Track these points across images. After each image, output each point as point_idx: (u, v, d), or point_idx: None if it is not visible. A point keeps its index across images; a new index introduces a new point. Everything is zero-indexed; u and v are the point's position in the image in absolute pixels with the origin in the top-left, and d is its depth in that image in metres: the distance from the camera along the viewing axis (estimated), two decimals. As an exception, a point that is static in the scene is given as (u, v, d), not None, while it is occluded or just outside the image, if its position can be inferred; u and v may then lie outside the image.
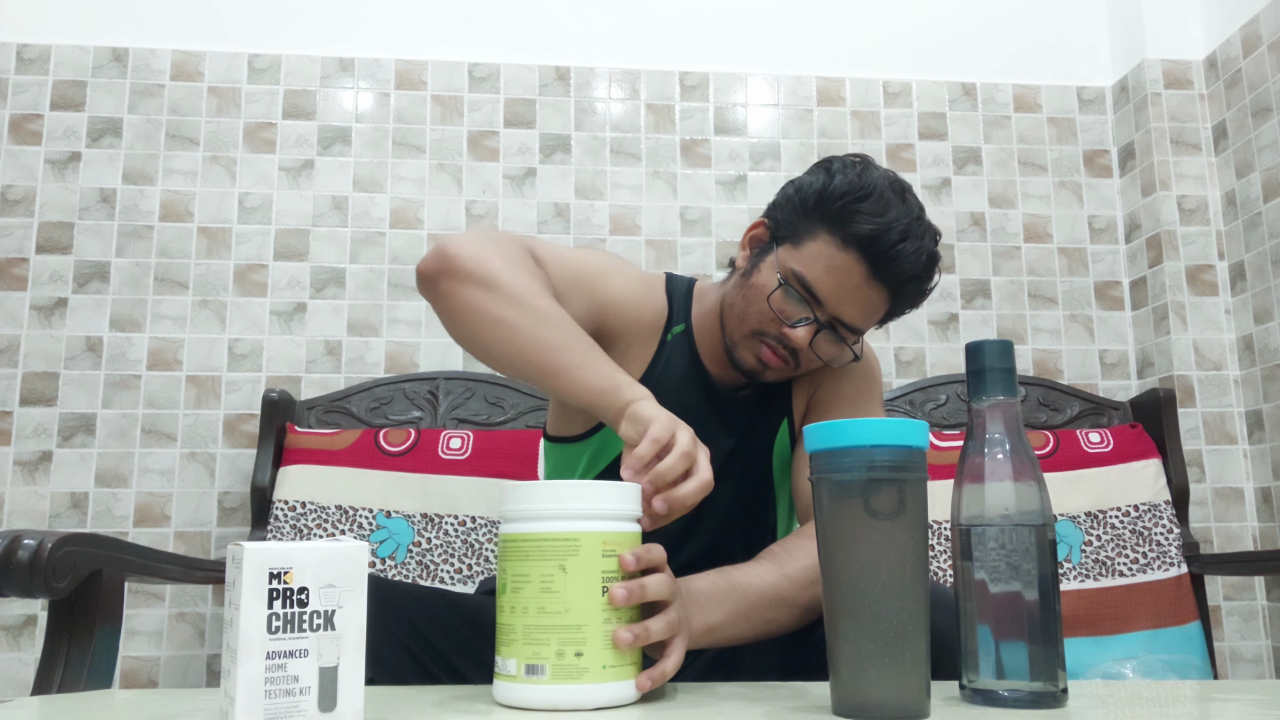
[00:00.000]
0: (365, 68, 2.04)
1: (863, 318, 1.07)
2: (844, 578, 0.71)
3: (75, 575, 1.14)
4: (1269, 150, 1.92)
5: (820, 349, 1.08)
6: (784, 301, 1.06)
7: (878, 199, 1.03)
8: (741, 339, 1.10)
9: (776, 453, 1.20)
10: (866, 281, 1.04)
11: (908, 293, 1.07)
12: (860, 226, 1.02)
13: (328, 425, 1.82)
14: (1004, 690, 0.73)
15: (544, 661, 0.74)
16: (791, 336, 1.06)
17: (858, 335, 1.09)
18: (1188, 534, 1.79)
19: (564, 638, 0.74)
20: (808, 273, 1.05)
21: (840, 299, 1.05)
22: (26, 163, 1.93)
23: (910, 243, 1.03)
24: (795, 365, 1.10)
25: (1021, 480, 0.75)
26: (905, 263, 1.03)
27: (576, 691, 0.74)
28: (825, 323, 1.06)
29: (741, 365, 1.11)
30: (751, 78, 2.13)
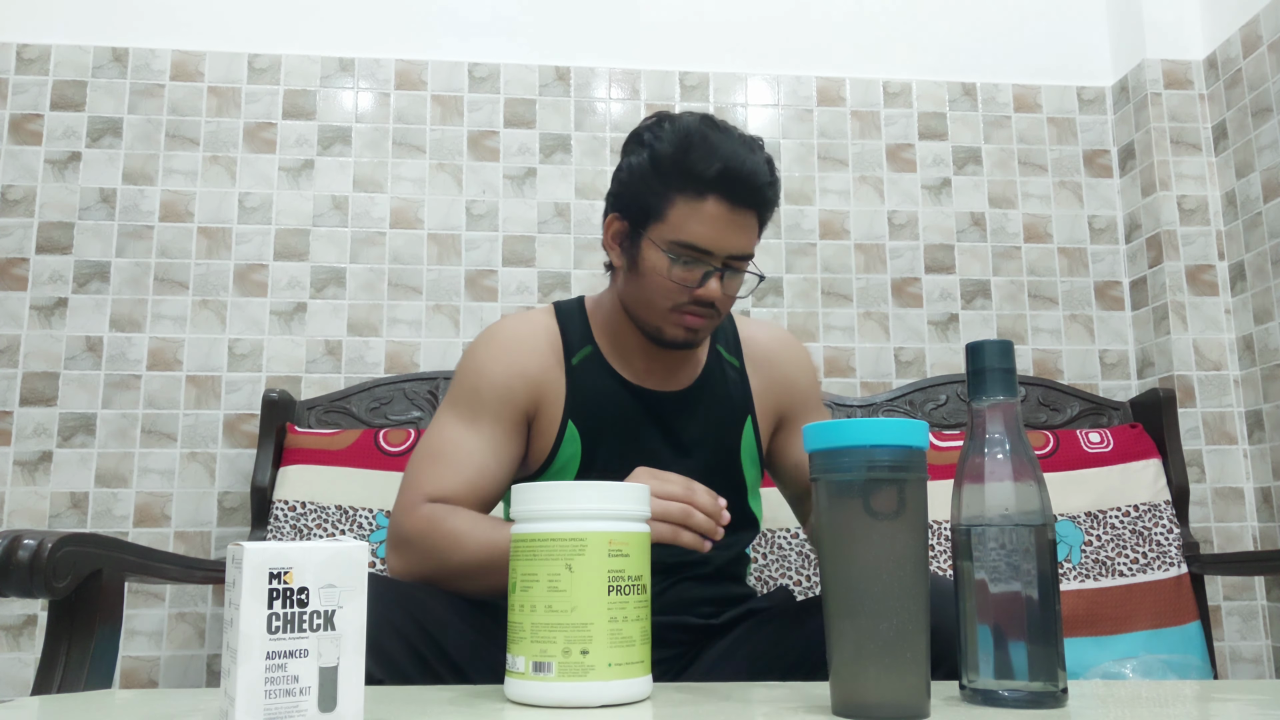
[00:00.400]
0: (365, 68, 2.04)
1: (747, 243, 1.13)
2: (844, 578, 0.71)
3: (75, 575, 1.14)
4: (1269, 150, 1.92)
5: (730, 288, 1.15)
6: (682, 270, 1.12)
7: (702, 141, 1.10)
8: (661, 319, 1.15)
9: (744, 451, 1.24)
10: (733, 212, 1.10)
11: (767, 201, 1.13)
12: (705, 171, 1.08)
13: (328, 425, 1.82)
14: (1004, 690, 0.73)
15: (551, 659, 0.75)
16: (704, 294, 1.12)
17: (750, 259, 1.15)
18: (1188, 534, 1.78)
19: (570, 636, 0.75)
20: (686, 235, 1.10)
21: (722, 239, 1.11)
22: (26, 163, 1.93)
23: (749, 161, 1.10)
24: (717, 313, 1.15)
25: (1021, 480, 0.75)
26: (756, 179, 1.10)
27: (582, 689, 0.75)
28: (722, 266, 1.12)
29: (673, 340, 1.16)
30: (751, 78, 2.13)
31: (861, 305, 2.05)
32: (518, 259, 2.00)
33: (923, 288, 2.07)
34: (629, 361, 1.21)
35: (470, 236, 2.00)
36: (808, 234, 2.07)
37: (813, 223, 2.07)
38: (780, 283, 2.04)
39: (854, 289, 2.06)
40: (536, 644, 0.75)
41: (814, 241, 2.07)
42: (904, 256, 2.08)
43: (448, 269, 1.99)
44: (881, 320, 2.05)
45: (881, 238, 2.08)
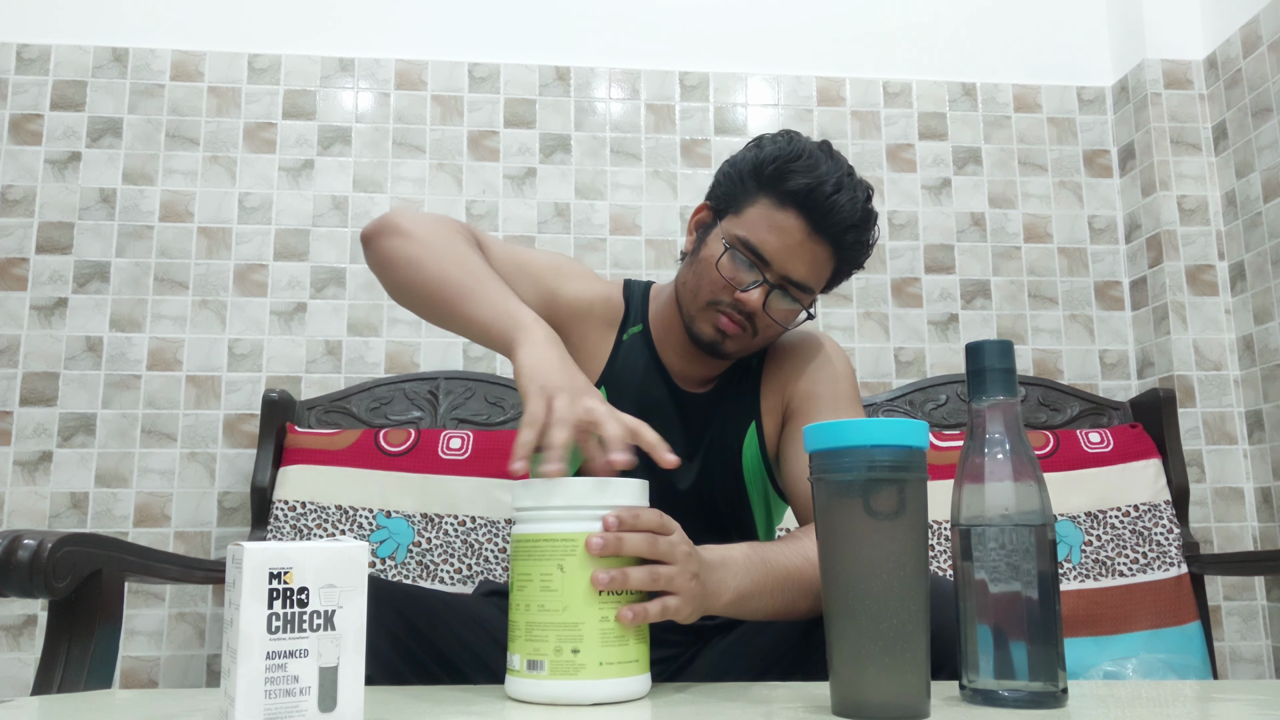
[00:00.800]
0: (365, 68, 2.04)
1: (810, 274, 1.10)
2: (844, 578, 0.71)
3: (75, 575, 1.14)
4: (1269, 150, 1.92)
5: (774, 310, 1.11)
6: (732, 267, 1.10)
7: (808, 158, 1.08)
8: (698, 312, 1.13)
9: (746, 457, 1.20)
10: (808, 237, 1.08)
11: (848, 244, 1.10)
12: (794, 183, 1.07)
13: (328, 425, 1.82)
14: (1004, 690, 0.73)
15: (543, 658, 0.76)
16: (744, 300, 1.09)
17: (809, 294, 1.12)
18: (1188, 534, 1.78)
19: (561, 635, 0.76)
20: (751, 235, 1.09)
21: (785, 257, 1.08)
22: (26, 163, 1.93)
23: (844, 194, 1.07)
24: (753, 331, 1.12)
25: (1021, 480, 0.75)
26: (841, 213, 1.07)
27: (574, 687, 0.76)
28: (775, 283, 1.09)
29: (701, 338, 1.13)
30: (751, 78, 2.13)
31: (861, 305, 2.05)
32: (518, 259, 2.00)
33: (923, 288, 2.07)
34: (672, 351, 1.20)
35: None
36: (808, 234, 2.07)
37: (813, 223, 2.07)
38: (780, 283, 2.04)
39: (854, 289, 2.06)
40: (530, 642, 0.77)
41: (814, 241, 2.06)
42: (904, 256, 2.08)
43: (448, 269, 1.98)
44: (881, 320, 2.05)
45: (882, 238, 2.08)
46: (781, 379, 1.21)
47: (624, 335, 1.21)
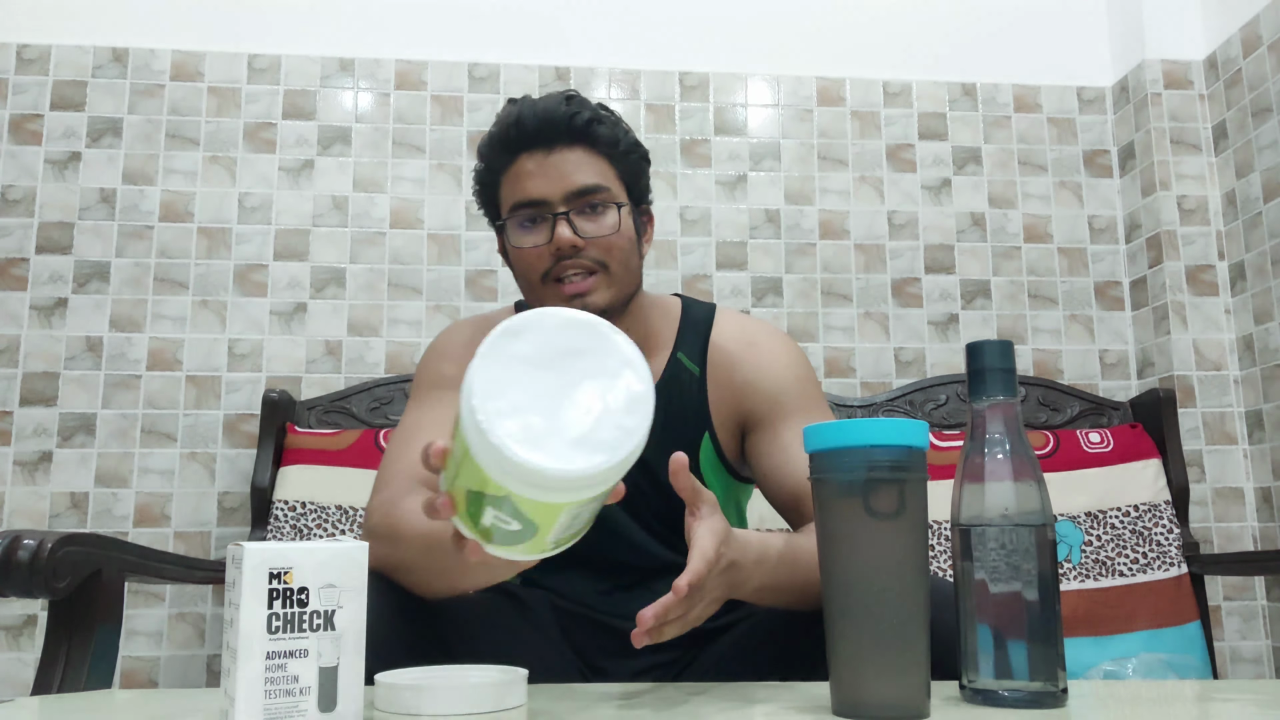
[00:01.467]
0: (365, 68, 2.04)
1: (583, 175, 1.06)
2: (844, 578, 0.71)
3: (75, 575, 1.14)
4: (1269, 150, 1.92)
5: (588, 230, 1.06)
6: (523, 234, 1.07)
7: (499, 120, 1.08)
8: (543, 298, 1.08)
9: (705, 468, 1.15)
10: (548, 155, 1.06)
11: (580, 127, 1.06)
12: (504, 135, 1.07)
13: (328, 425, 1.82)
14: (1004, 690, 0.73)
15: None
16: (557, 243, 1.04)
17: (603, 192, 1.07)
18: (1188, 534, 1.78)
19: None
20: (511, 198, 1.07)
21: (545, 184, 1.05)
22: (26, 163, 1.93)
23: (539, 103, 1.06)
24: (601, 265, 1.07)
25: (1021, 480, 0.75)
26: (547, 115, 1.05)
27: None
28: (563, 211, 1.05)
29: None
30: (751, 78, 2.13)
31: (861, 305, 2.05)
32: (518, 259, 2.00)
33: (923, 288, 2.07)
34: None
35: (470, 236, 2.00)
36: (808, 234, 2.07)
37: (813, 223, 2.07)
38: (780, 283, 2.04)
39: (854, 289, 2.06)
40: None
41: (814, 241, 2.07)
42: (904, 256, 2.08)
43: (448, 269, 1.99)
44: (881, 320, 2.05)
45: (881, 238, 2.08)
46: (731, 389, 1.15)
47: None
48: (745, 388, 1.14)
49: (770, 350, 1.16)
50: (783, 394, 1.14)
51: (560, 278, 1.06)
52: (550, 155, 1.05)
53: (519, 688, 0.77)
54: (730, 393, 1.15)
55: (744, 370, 1.15)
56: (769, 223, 2.07)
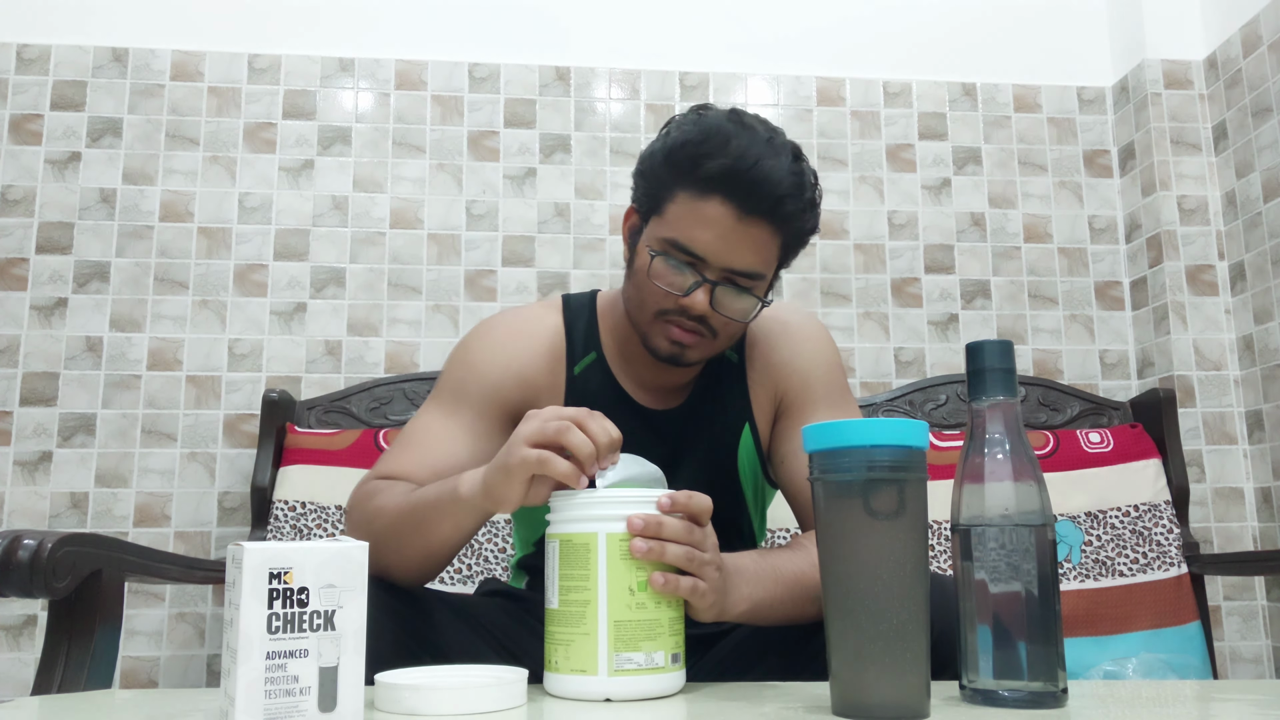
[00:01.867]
0: (365, 68, 2.04)
1: (755, 260, 1.00)
2: (844, 578, 0.71)
3: (75, 575, 1.14)
4: (1269, 150, 1.92)
5: (724, 308, 1.02)
6: (667, 272, 1.01)
7: (717, 134, 0.98)
8: (648, 326, 1.05)
9: (743, 463, 1.15)
10: (740, 220, 0.98)
11: (788, 215, 1.00)
12: (711, 167, 0.97)
13: (328, 425, 1.82)
14: (1004, 690, 0.73)
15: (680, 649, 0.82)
16: (689, 304, 1.00)
17: (759, 281, 1.03)
18: (1188, 534, 1.78)
19: (672, 629, 0.81)
20: (679, 234, 1.00)
21: (720, 249, 0.99)
22: (26, 163, 1.93)
23: (766, 163, 0.97)
24: (711, 333, 1.04)
25: (1021, 480, 0.75)
26: (770, 186, 0.97)
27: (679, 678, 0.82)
28: (717, 280, 1.00)
29: (660, 353, 1.05)
30: (751, 78, 2.13)
31: (861, 305, 2.05)
32: (517, 259, 2.00)
33: (922, 288, 2.07)
34: (633, 370, 1.13)
35: (470, 236, 2.00)
36: (808, 234, 2.07)
37: (813, 223, 2.07)
38: (780, 283, 2.04)
39: (854, 289, 2.06)
40: (673, 636, 0.81)
41: (814, 241, 2.07)
42: (904, 256, 2.08)
43: (447, 269, 1.99)
44: (881, 320, 2.05)
45: (881, 238, 2.08)
46: (770, 373, 1.14)
47: (575, 370, 1.12)
48: (781, 368, 1.14)
49: (805, 333, 1.16)
50: (813, 379, 1.14)
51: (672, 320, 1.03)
52: (738, 221, 0.98)
53: (519, 688, 0.77)
54: (768, 376, 1.15)
55: (781, 351, 1.15)
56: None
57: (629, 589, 0.79)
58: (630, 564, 0.79)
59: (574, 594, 0.80)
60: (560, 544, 0.82)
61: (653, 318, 1.04)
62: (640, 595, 0.79)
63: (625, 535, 0.79)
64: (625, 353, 1.13)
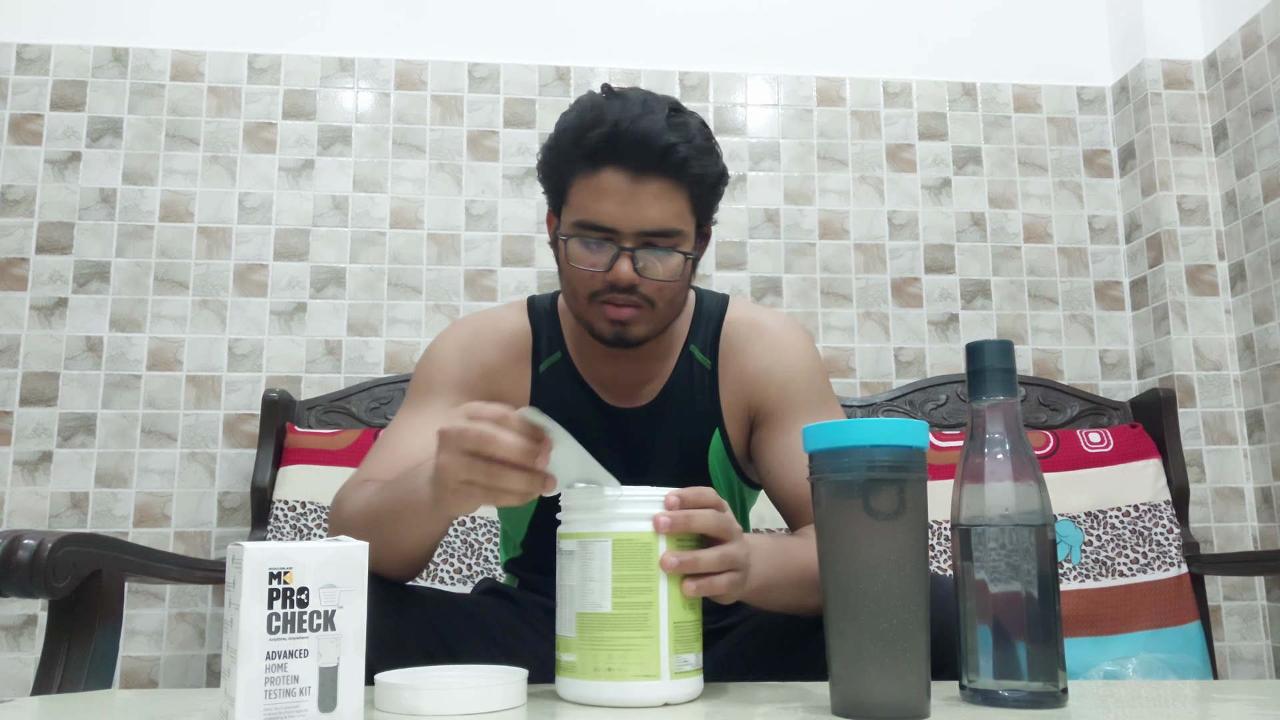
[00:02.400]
0: (365, 68, 2.04)
1: (663, 215, 1.00)
2: (844, 578, 0.71)
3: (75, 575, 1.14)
4: (1269, 150, 1.92)
5: (649, 271, 1.02)
6: (586, 253, 1.02)
7: (592, 110, 1.00)
8: (587, 314, 1.05)
9: (714, 466, 1.14)
10: (635, 182, 0.99)
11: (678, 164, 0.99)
12: (592, 139, 0.98)
13: (328, 425, 1.82)
14: (1004, 690, 0.73)
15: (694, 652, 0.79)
16: (615, 277, 1.01)
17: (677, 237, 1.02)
18: (1188, 534, 1.78)
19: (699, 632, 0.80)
20: (585, 214, 1.01)
21: (626, 213, 0.99)
22: (26, 163, 1.93)
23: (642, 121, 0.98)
24: (648, 303, 1.03)
25: (1021, 480, 0.75)
26: (649, 140, 0.97)
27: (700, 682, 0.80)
28: (633, 246, 1.01)
29: (605, 337, 1.05)
30: (751, 78, 2.13)
31: (861, 305, 2.05)
32: (517, 259, 2.00)
33: (923, 288, 2.07)
34: (596, 369, 1.13)
35: (470, 236, 2.00)
36: (807, 234, 2.07)
37: (812, 223, 2.07)
38: (779, 283, 2.04)
39: (854, 289, 2.06)
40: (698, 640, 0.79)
41: (814, 241, 2.07)
42: (904, 256, 2.08)
43: (447, 269, 1.99)
44: (881, 320, 2.05)
45: (881, 238, 2.08)
46: (743, 380, 1.13)
47: (540, 368, 1.14)
48: (757, 378, 1.12)
49: (781, 340, 1.14)
50: (792, 386, 1.11)
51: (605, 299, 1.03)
52: (634, 182, 0.99)
53: (519, 688, 0.77)
54: (741, 384, 1.13)
55: (755, 360, 1.12)
56: (768, 222, 2.07)
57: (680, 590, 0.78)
58: None
59: (634, 595, 0.76)
60: (614, 544, 0.77)
61: (587, 303, 1.04)
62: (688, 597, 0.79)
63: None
64: (588, 351, 1.13)
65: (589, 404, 1.12)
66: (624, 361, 1.12)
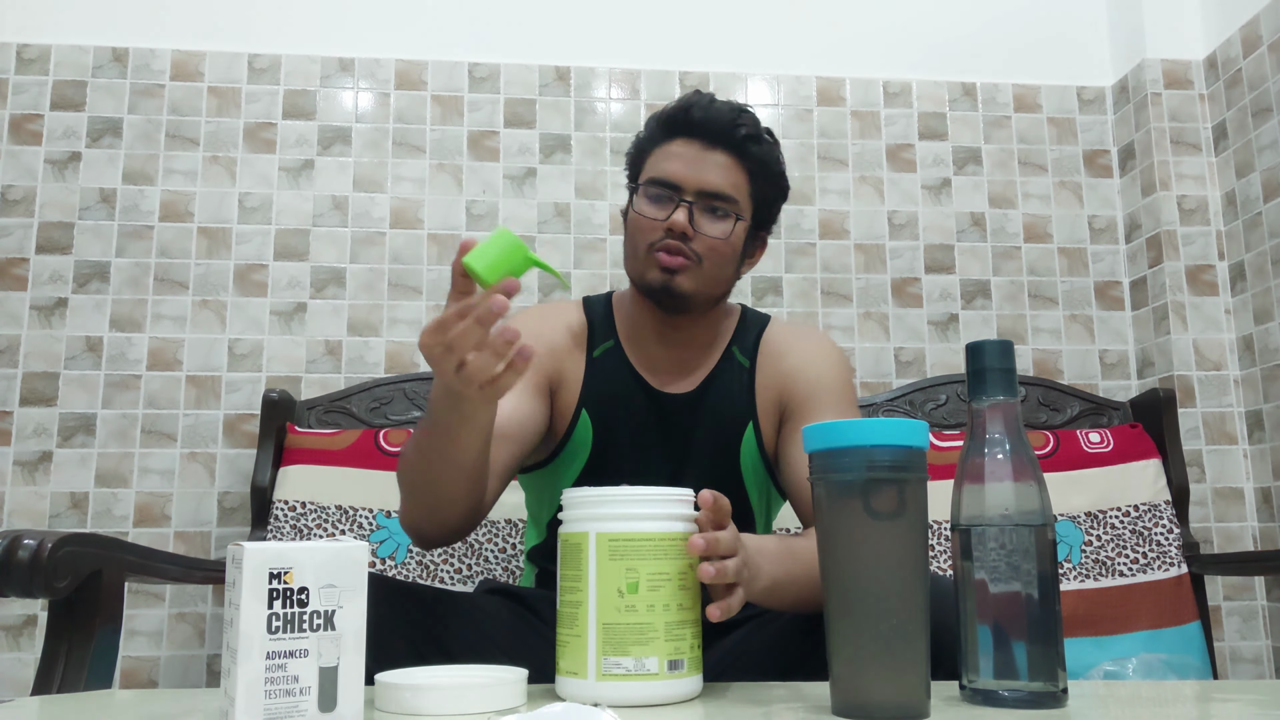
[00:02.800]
0: (365, 68, 2.04)
1: (722, 180, 1.14)
2: (844, 578, 0.71)
3: (75, 575, 1.14)
4: (1269, 150, 1.92)
5: (703, 226, 1.14)
6: (650, 205, 1.15)
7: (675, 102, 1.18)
8: (643, 265, 1.15)
9: (744, 455, 1.20)
10: (703, 150, 1.14)
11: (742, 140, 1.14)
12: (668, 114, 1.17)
13: (328, 425, 1.82)
14: (1004, 690, 0.73)
15: (682, 656, 0.78)
16: (672, 223, 1.12)
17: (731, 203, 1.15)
18: (1188, 534, 1.78)
19: (695, 632, 0.80)
20: (655, 172, 1.16)
21: (690, 173, 1.13)
22: (26, 163, 1.93)
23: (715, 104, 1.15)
24: (697, 258, 1.13)
25: (1021, 480, 0.75)
26: (719, 118, 1.14)
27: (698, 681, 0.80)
28: (692, 200, 1.13)
29: (654, 286, 1.15)
30: (751, 78, 2.13)
31: (861, 305, 2.05)
32: (518, 259, 2.00)
33: (923, 288, 2.07)
34: (646, 355, 1.22)
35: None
36: (807, 234, 2.07)
37: (813, 223, 2.07)
38: (780, 283, 2.04)
39: (854, 289, 2.06)
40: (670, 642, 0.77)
41: (814, 241, 2.07)
42: (904, 256, 2.08)
43: (448, 269, 1.99)
44: (881, 320, 2.05)
45: (881, 238, 2.08)
46: (777, 377, 1.21)
47: (594, 353, 1.23)
48: (790, 374, 1.21)
49: (817, 345, 1.24)
50: (821, 385, 1.20)
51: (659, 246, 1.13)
52: (702, 150, 1.14)
53: (519, 687, 0.78)
54: (776, 380, 1.21)
55: (790, 359, 1.22)
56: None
57: (618, 591, 0.77)
58: (620, 565, 0.78)
59: (569, 594, 0.79)
60: (561, 544, 0.82)
61: (645, 253, 1.15)
62: (630, 598, 0.77)
63: (615, 534, 0.78)
64: (637, 337, 1.23)
65: (637, 387, 1.21)
66: (672, 347, 1.21)
